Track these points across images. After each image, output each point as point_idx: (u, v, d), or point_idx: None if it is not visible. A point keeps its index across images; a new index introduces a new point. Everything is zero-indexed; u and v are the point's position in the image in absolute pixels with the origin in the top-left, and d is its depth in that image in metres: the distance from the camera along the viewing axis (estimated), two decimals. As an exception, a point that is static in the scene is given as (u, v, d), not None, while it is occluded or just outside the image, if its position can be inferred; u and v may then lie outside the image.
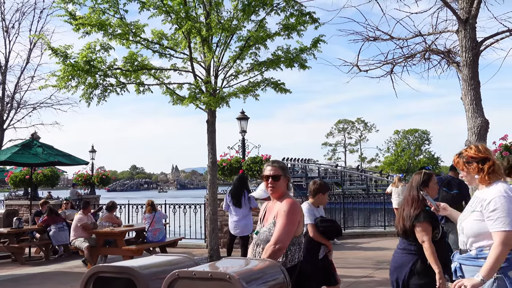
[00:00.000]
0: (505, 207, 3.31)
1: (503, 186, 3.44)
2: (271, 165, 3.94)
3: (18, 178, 16.45)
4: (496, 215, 3.31)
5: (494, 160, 3.55)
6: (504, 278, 3.33)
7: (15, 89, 14.37)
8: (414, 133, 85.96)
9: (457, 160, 3.69)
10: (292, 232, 3.69)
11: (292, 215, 3.69)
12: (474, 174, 3.56)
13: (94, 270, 3.11)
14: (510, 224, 3.27)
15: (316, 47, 10.55)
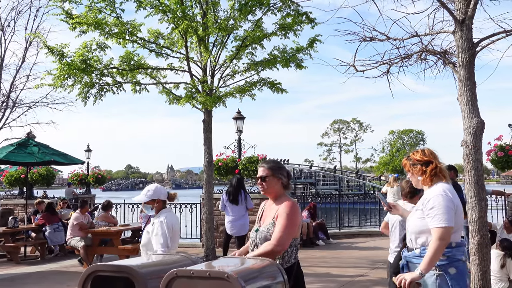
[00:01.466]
0: (442, 205, 3.51)
1: (443, 186, 3.64)
2: (260, 166, 3.97)
3: (13, 177, 16.40)
4: (434, 213, 3.52)
5: (437, 163, 3.74)
6: (445, 274, 3.52)
7: (10, 88, 14.33)
8: (409, 133, 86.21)
9: (405, 163, 3.93)
10: (293, 234, 3.71)
11: (293, 218, 3.71)
12: (417, 176, 3.78)
13: (93, 269, 3.12)
14: (446, 221, 3.47)
15: (313, 47, 10.58)
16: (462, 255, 3.62)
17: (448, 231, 3.48)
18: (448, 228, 3.48)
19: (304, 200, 17.75)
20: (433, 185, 3.70)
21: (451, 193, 3.60)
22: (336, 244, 13.53)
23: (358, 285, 8.41)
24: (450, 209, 3.52)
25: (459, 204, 3.63)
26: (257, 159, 13.19)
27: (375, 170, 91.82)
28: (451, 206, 3.53)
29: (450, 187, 3.68)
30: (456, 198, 3.61)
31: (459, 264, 3.56)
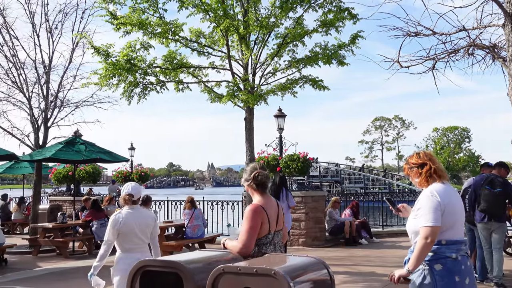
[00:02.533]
0: (427, 205, 3.70)
1: (433, 187, 3.80)
2: None
3: (61, 174, 16.89)
4: (421, 213, 3.71)
5: (431, 165, 3.89)
6: (431, 270, 3.71)
7: (58, 88, 14.73)
8: (454, 130, 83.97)
9: (405, 167, 4.11)
10: (254, 235, 3.88)
11: (251, 221, 3.89)
12: (415, 178, 3.96)
13: (142, 264, 3.19)
14: (429, 220, 3.65)
15: (355, 43, 10.46)
16: (452, 252, 3.72)
17: (432, 230, 3.63)
18: (432, 228, 3.63)
19: (346, 199, 17.56)
20: (429, 186, 3.85)
21: (439, 194, 3.73)
22: (380, 243, 13.34)
23: (403, 285, 8.25)
24: (436, 209, 3.67)
25: (452, 204, 3.74)
26: (298, 157, 13.15)
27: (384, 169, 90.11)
28: (437, 206, 3.67)
29: (442, 187, 3.80)
30: (447, 198, 3.72)
31: (446, 261, 3.70)
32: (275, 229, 4.03)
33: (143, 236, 5.11)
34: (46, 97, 14.54)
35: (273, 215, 4.05)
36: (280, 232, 4.13)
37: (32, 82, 14.60)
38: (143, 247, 5.12)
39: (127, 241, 5.02)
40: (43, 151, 12.97)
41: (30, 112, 14.40)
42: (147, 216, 5.26)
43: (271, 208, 4.06)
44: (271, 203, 4.09)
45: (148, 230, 5.18)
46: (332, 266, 3.71)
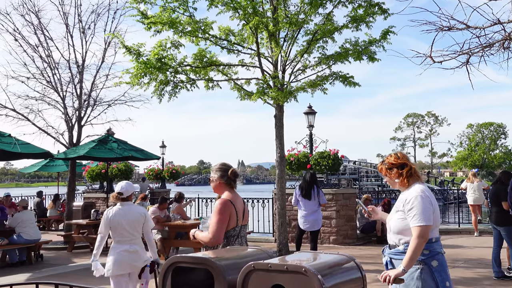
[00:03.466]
0: (420, 205, 3.77)
1: (420, 187, 3.91)
2: None
3: (94, 172, 17.24)
4: (414, 213, 3.77)
5: (411, 165, 4.02)
6: (429, 267, 3.80)
7: (91, 87, 15.01)
8: (489, 126, 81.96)
9: (381, 167, 4.16)
10: (223, 227, 4.24)
11: (220, 213, 4.24)
12: (395, 179, 4.03)
13: (173, 260, 3.21)
14: (424, 220, 3.74)
15: (386, 39, 10.30)
16: (441, 248, 3.91)
17: (427, 229, 3.74)
18: (427, 227, 3.74)
19: (378, 196, 17.38)
20: (410, 186, 3.95)
21: (428, 193, 3.87)
22: (412, 241, 13.14)
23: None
24: (429, 208, 3.78)
25: (435, 203, 3.90)
26: (328, 154, 13.07)
27: (452, 165, 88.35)
28: (429, 206, 3.79)
29: (426, 187, 3.93)
30: (433, 198, 3.88)
31: (439, 257, 3.86)
32: (241, 223, 4.39)
33: (131, 230, 5.69)
34: (80, 96, 14.83)
35: (240, 209, 4.39)
36: (245, 227, 4.52)
37: (66, 81, 14.93)
38: (132, 239, 5.70)
39: (116, 234, 5.69)
40: (77, 149, 13.25)
41: (65, 111, 14.71)
42: (135, 212, 5.80)
43: (239, 203, 4.40)
44: (239, 198, 4.45)
45: (137, 224, 5.74)
46: (364, 264, 3.68)
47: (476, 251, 11.20)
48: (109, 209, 5.80)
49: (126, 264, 5.66)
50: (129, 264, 5.68)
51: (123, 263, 5.64)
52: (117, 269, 5.61)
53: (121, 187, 5.82)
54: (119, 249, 5.64)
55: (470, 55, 6.29)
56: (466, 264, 9.74)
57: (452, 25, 6.04)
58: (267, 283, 2.88)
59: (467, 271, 9.13)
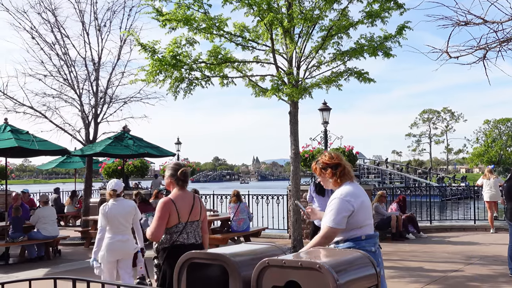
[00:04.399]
0: (336, 208, 3.84)
1: (345, 188, 3.96)
2: None
3: (111, 169, 17.38)
4: (329, 213, 3.86)
5: (344, 165, 4.06)
6: None
7: (107, 85, 15.13)
8: (506, 122, 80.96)
9: (315, 167, 4.18)
10: (162, 224, 4.61)
11: (160, 213, 4.62)
12: (328, 178, 4.07)
13: (188, 256, 3.25)
14: (333, 222, 3.81)
15: (402, 34, 10.22)
16: (371, 246, 3.90)
17: (333, 231, 3.82)
18: (334, 229, 3.81)
19: (393, 193, 17.30)
20: (341, 186, 4.01)
21: (352, 195, 3.90)
22: (427, 238, 13.06)
23: (452, 281, 8.07)
24: (343, 212, 3.83)
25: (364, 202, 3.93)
26: (343, 151, 13.03)
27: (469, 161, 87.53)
28: (344, 209, 3.83)
29: (352, 187, 3.97)
30: (360, 197, 3.91)
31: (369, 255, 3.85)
32: (187, 220, 4.70)
33: (124, 222, 6.43)
34: (96, 93, 14.96)
35: (185, 207, 4.72)
36: (196, 223, 4.80)
37: (82, 79, 15.08)
38: (125, 230, 6.43)
39: (112, 226, 6.34)
40: (93, 146, 13.39)
41: (81, 109, 14.86)
42: (127, 206, 6.55)
43: (184, 201, 4.73)
44: (185, 196, 4.79)
45: (129, 216, 6.50)
46: (378, 260, 3.68)
47: (492, 248, 11.10)
48: (105, 205, 6.46)
49: (119, 251, 6.41)
50: (121, 251, 6.43)
51: (116, 251, 6.38)
52: (111, 256, 6.35)
53: (115, 185, 6.61)
54: (113, 239, 6.33)
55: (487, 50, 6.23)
56: (482, 261, 9.66)
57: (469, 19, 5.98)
58: (282, 280, 2.90)
59: (483, 268, 9.05)
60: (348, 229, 3.88)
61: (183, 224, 4.68)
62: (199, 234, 4.83)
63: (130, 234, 6.55)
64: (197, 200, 4.90)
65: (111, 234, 6.35)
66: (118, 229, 6.37)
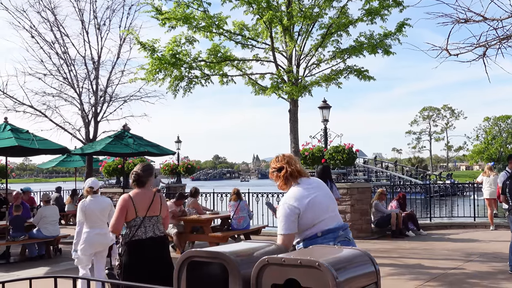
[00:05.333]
0: (281, 215, 3.87)
1: (289, 192, 3.96)
2: None
3: (111, 167, 17.37)
4: (278, 221, 3.90)
5: (287, 168, 4.02)
6: None
7: (107, 83, 15.17)
8: (506, 119, 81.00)
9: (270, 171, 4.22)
10: (120, 218, 5.12)
11: (119, 208, 5.13)
12: (276, 182, 4.10)
13: (188, 254, 3.25)
14: (283, 229, 3.84)
15: (401, 32, 10.24)
16: (330, 241, 3.87)
17: (287, 237, 3.85)
18: (287, 235, 3.84)
19: (393, 191, 17.31)
20: (288, 188, 4.01)
21: (295, 198, 3.88)
22: (427, 236, 13.07)
23: (451, 278, 8.08)
24: (288, 217, 3.83)
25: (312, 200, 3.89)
26: (343, 148, 13.03)
27: (469, 158, 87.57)
28: (288, 215, 3.83)
29: (297, 189, 3.94)
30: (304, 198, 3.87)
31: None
32: (144, 215, 5.13)
33: (101, 216, 6.93)
34: (96, 92, 15.00)
35: (143, 203, 5.17)
36: (155, 218, 5.20)
37: (82, 78, 15.13)
38: (102, 224, 6.91)
39: (89, 220, 6.85)
40: (93, 145, 13.40)
41: (81, 107, 14.90)
42: (103, 202, 7.08)
43: (142, 197, 5.19)
44: (144, 194, 5.23)
45: (105, 211, 6.98)
46: (378, 258, 3.69)
47: (491, 245, 11.12)
48: (83, 201, 6.99)
49: (98, 244, 6.93)
50: (100, 243, 6.95)
51: (95, 243, 6.90)
52: (90, 248, 6.86)
53: (92, 183, 7.12)
54: (92, 233, 6.84)
55: (487, 47, 6.23)
56: (482, 258, 9.67)
57: (468, 17, 5.97)
58: (281, 278, 2.91)
59: (483, 265, 9.07)
60: (301, 230, 3.90)
61: (141, 218, 5.12)
62: (159, 228, 5.22)
63: (107, 228, 6.86)
64: (158, 197, 5.28)
65: (89, 228, 6.86)
66: (95, 223, 6.86)
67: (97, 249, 6.96)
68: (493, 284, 7.62)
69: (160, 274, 5.10)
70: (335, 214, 4.04)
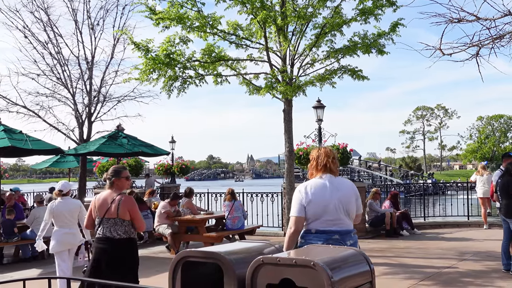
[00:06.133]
0: (293, 198, 4.31)
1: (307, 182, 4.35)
2: None
3: (105, 168, 17.30)
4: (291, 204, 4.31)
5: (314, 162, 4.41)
6: None
7: (101, 84, 15.10)
8: (499, 119, 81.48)
9: None
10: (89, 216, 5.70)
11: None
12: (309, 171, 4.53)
13: (183, 254, 3.25)
14: (292, 211, 4.21)
15: (395, 31, 10.25)
16: (319, 241, 4.09)
17: (294, 220, 4.18)
18: (294, 218, 4.18)
19: (387, 190, 17.35)
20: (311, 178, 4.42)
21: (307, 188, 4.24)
22: (421, 235, 13.12)
23: (445, 277, 8.12)
24: (298, 202, 4.20)
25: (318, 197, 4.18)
26: (338, 148, 13.05)
27: (462, 158, 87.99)
28: (297, 198, 4.23)
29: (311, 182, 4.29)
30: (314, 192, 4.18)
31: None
32: (102, 217, 5.42)
33: (70, 217, 7.38)
34: (90, 92, 14.93)
35: (101, 206, 5.46)
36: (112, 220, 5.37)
37: (75, 78, 15.05)
38: (71, 225, 7.39)
39: (58, 220, 7.36)
40: (87, 145, 13.35)
41: (75, 108, 14.83)
42: (72, 204, 7.54)
43: (101, 201, 5.49)
44: (105, 196, 5.49)
45: (74, 213, 7.44)
46: (373, 257, 3.70)
47: (485, 244, 11.17)
48: (52, 202, 7.49)
49: (67, 243, 7.35)
50: (68, 242, 7.37)
51: (64, 242, 7.33)
52: (59, 247, 7.31)
53: (61, 186, 7.56)
54: (61, 232, 7.33)
55: (480, 47, 6.26)
56: (475, 257, 9.72)
57: (462, 17, 6.00)
58: (276, 277, 2.91)
59: (476, 263, 9.11)
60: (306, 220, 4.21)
61: (100, 219, 5.46)
62: (116, 230, 5.39)
63: (77, 228, 7.50)
64: (117, 201, 5.41)
65: (58, 227, 7.39)
66: (64, 223, 7.35)
67: (67, 247, 7.39)
68: (486, 283, 7.66)
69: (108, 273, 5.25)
70: (337, 218, 4.18)
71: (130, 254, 5.49)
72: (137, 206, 5.60)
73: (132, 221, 5.46)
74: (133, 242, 5.53)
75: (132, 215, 5.45)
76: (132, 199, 5.66)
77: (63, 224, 7.36)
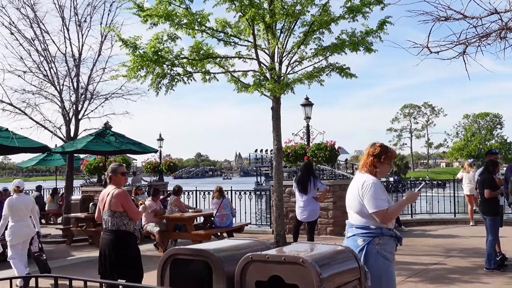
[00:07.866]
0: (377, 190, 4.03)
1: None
2: None
3: (92, 166, 17.19)
4: None
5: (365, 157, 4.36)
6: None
7: (88, 81, 14.97)
8: (485, 117, 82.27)
9: None
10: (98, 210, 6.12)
11: None
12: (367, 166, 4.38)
13: (171, 252, 3.24)
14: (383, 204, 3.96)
15: (383, 29, 10.29)
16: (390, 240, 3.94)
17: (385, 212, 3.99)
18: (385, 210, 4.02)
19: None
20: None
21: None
22: (408, 232, 13.21)
23: (432, 274, 8.18)
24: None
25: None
26: (326, 146, 13.09)
27: (449, 155, 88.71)
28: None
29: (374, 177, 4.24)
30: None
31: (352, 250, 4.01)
32: (102, 209, 5.95)
33: (25, 211, 8.11)
34: (77, 90, 14.80)
35: (101, 200, 5.99)
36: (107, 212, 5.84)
37: (63, 75, 14.91)
38: (26, 218, 8.09)
39: (15, 215, 8.02)
40: (74, 143, 13.25)
41: (62, 105, 14.70)
42: (26, 199, 8.36)
43: (102, 195, 6.01)
44: (104, 191, 6.00)
45: (29, 207, 8.19)
46: (361, 254, 3.71)
47: (471, 241, 11.28)
48: (10, 198, 8.22)
49: (23, 235, 8.05)
50: (25, 234, 8.07)
51: (20, 234, 8.03)
52: (17, 239, 7.98)
53: (18, 183, 8.37)
54: (18, 226, 8.00)
55: (467, 45, 6.30)
56: (462, 254, 9.81)
57: (449, 15, 6.04)
58: (265, 274, 2.91)
59: (463, 260, 9.20)
60: None
61: (104, 212, 5.93)
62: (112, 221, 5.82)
63: (30, 221, 8.19)
64: (110, 195, 5.86)
65: (14, 221, 8.03)
66: (20, 216, 8.03)
67: (23, 238, 8.08)
68: (473, 279, 7.74)
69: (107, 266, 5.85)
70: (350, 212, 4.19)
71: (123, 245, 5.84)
72: (129, 198, 5.96)
73: (127, 212, 5.86)
74: (126, 234, 5.86)
75: (124, 207, 5.84)
76: (124, 192, 5.98)
77: (20, 218, 8.05)
